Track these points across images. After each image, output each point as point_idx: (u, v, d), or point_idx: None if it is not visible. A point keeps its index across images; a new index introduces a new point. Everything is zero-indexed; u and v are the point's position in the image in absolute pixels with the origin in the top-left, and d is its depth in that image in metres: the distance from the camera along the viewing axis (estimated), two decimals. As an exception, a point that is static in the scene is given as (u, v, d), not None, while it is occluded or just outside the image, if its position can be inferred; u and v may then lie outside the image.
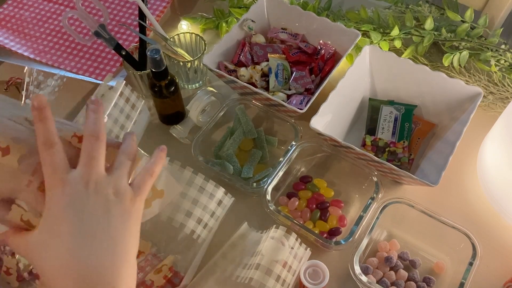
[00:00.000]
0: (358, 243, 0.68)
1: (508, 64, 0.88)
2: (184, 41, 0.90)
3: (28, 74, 0.88)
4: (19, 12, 1.00)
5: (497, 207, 0.76)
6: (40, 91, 0.81)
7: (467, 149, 0.82)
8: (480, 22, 0.90)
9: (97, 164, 0.44)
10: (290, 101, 0.82)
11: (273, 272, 0.63)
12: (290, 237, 0.66)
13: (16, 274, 0.69)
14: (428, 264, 0.73)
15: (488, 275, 0.71)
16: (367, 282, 0.65)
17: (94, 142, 0.45)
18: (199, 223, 0.68)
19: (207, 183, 0.68)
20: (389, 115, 0.83)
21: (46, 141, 0.43)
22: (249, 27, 0.89)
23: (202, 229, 0.68)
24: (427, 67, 0.81)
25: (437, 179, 0.70)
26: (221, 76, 0.83)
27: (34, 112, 0.43)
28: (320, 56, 0.87)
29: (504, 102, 0.87)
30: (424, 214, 0.71)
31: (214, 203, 0.70)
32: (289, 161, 0.77)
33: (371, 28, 0.92)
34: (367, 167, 0.76)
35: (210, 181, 0.69)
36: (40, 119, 0.43)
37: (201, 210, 0.68)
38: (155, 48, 0.73)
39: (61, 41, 0.95)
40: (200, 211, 0.68)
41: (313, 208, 0.77)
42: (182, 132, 0.84)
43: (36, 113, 0.43)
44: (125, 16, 1.00)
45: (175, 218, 0.66)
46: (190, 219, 0.67)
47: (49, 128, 0.43)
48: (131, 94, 0.79)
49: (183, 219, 0.66)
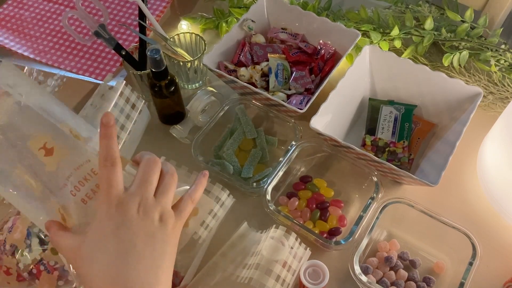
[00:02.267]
0: (358, 243, 0.68)
1: (508, 64, 0.88)
2: (184, 41, 0.90)
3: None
4: (19, 12, 1.00)
5: (497, 207, 0.76)
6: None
7: (467, 149, 0.82)
8: (480, 22, 0.90)
9: (150, 188, 0.47)
10: (290, 101, 0.82)
11: (273, 272, 0.63)
12: (290, 237, 0.66)
13: (16, 274, 0.69)
14: (428, 264, 0.73)
15: (488, 275, 0.71)
16: (367, 282, 0.65)
17: (153, 165, 0.48)
18: (201, 224, 0.68)
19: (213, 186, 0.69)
20: (389, 115, 0.83)
21: (108, 158, 0.46)
22: (249, 27, 0.89)
23: (203, 230, 0.68)
24: (427, 67, 0.81)
25: (437, 179, 0.70)
26: (221, 76, 0.83)
27: (102, 128, 0.46)
28: (320, 56, 0.87)
29: (504, 102, 0.87)
30: (424, 214, 0.71)
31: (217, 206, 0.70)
32: (289, 161, 0.77)
33: (371, 28, 0.92)
34: (367, 167, 0.76)
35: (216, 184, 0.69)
36: (106, 135, 0.46)
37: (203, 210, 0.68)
38: (155, 48, 0.73)
39: (61, 41, 0.95)
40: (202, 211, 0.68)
41: (313, 208, 0.77)
42: (182, 132, 0.84)
43: (103, 130, 0.46)
44: (125, 16, 1.00)
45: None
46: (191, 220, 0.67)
47: (113, 146, 0.46)
48: (131, 94, 0.79)
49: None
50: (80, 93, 0.92)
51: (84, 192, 0.49)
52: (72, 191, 0.49)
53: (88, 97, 0.81)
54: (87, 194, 0.50)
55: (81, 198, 0.49)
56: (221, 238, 0.72)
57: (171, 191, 0.49)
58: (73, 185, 0.49)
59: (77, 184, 0.49)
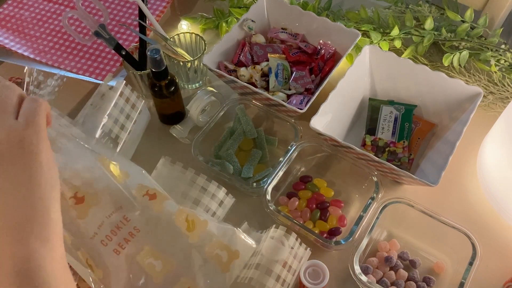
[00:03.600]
0: (358, 243, 0.68)
1: (508, 64, 0.88)
2: (184, 41, 0.90)
3: (28, 74, 0.87)
4: (19, 12, 1.00)
5: (497, 207, 0.76)
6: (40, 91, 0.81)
7: (467, 149, 0.82)
8: (480, 22, 0.90)
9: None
10: (290, 101, 0.82)
11: (273, 272, 0.63)
12: (290, 237, 0.66)
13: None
14: (428, 264, 0.73)
15: (488, 275, 0.71)
16: (367, 282, 0.65)
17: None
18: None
19: (210, 183, 0.69)
20: (389, 115, 0.83)
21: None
22: (249, 27, 0.89)
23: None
24: (427, 67, 0.81)
25: (437, 179, 0.70)
26: (221, 76, 0.83)
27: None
28: (320, 56, 0.87)
29: (504, 102, 0.87)
30: (424, 214, 0.71)
31: (215, 204, 0.70)
32: (289, 161, 0.77)
33: (371, 28, 0.92)
34: (367, 167, 0.76)
35: (212, 181, 0.69)
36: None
37: (202, 210, 0.68)
38: (155, 48, 0.73)
39: (61, 41, 0.95)
40: (202, 211, 0.68)
41: (313, 208, 0.77)
42: (182, 132, 0.84)
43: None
44: (125, 16, 1.00)
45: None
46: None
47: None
48: (131, 94, 0.79)
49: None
50: (80, 93, 0.92)
51: (116, 242, 0.47)
52: (104, 241, 0.47)
53: (88, 97, 0.80)
54: (119, 244, 0.48)
55: (113, 248, 0.47)
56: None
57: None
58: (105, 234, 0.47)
59: (109, 234, 0.47)
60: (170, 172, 0.69)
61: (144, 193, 0.56)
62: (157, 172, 0.70)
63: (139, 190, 0.57)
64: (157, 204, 0.57)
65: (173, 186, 0.68)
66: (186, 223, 0.58)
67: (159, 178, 0.69)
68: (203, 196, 0.68)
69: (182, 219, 0.57)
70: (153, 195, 0.55)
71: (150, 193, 0.56)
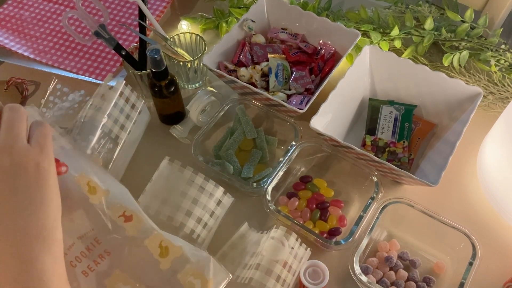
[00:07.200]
0: (358, 243, 0.68)
1: (508, 64, 0.88)
2: (184, 41, 0.90)
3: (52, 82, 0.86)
4: (19, 12, 1.00)
5: (497, 207, 0.76)
6: (62, 102, 0.82)
7: (467, 149, 0.82)
8: (480, 22, 0.90)
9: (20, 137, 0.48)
10: (290, 101, 0.82)
11: (273, 272, 0.63)
12: (290, 237, 0.66)
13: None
14: (428, 264, 0.73)
15: (488, 275, 0.71)
16: (367, 282, 0.65)
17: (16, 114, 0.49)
18: (199, 222, 0.68)
19: (207, 182, 0.69)
20: (389, 115, 0.83)
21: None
22: (249, 27, 0.89)
23: (202, 228, 0.68)
24: (427, 67, 0.81)
25: (437, 179, 0.70)
26: (221, 76, 0.83)
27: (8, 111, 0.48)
28: (320, 56, 0.87)
29: (504, 102, 0.87)
30: (424, 214, 0.71)
31: (213, 203, 0.70)
32: (289, 161, 0.77)
33: (371, 28, 0.92)
34: (367, 167, 0.76)
35: (210, 180, 0.69)
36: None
37: (201, 209, 0.68)
38: (155, 48, 0.73)
39: (61, 41, 0.95)
40: (200, 210, 0.68)
41: (313, 208, 0.77)
42: (182, 132, 0.84)
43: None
44: (125, 16, 1.00)
45: (175, 217, 0.67)
46: (190, 218, 0.67)
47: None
48: (131, 94, 0.79)
49: (183, 218, 0.67)
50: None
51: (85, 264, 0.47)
52: (73, 262, 0.47)
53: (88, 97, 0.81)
54: (88, 266, 0.48)
55: (82, 270, 0.47)
56: (221, 238, 0.72)
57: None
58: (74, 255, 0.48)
59: (79, 255, 0.48)
60: (171, 172, 0.69)
61: (121, 214, 0.55)
62: (159, 173, 0.70)
63: (115, 210, 0.56)
64: (132, 227, 0.57)
65: (172, 186, 0.68)
66: (159, 249, 0.57)
67: (160, 179, 0.69)
68: (201, 195, 0.68)
69: (155, 245, 0.57)
70: (129, 217, 0.55)
71: (127, 214, 0.56)
